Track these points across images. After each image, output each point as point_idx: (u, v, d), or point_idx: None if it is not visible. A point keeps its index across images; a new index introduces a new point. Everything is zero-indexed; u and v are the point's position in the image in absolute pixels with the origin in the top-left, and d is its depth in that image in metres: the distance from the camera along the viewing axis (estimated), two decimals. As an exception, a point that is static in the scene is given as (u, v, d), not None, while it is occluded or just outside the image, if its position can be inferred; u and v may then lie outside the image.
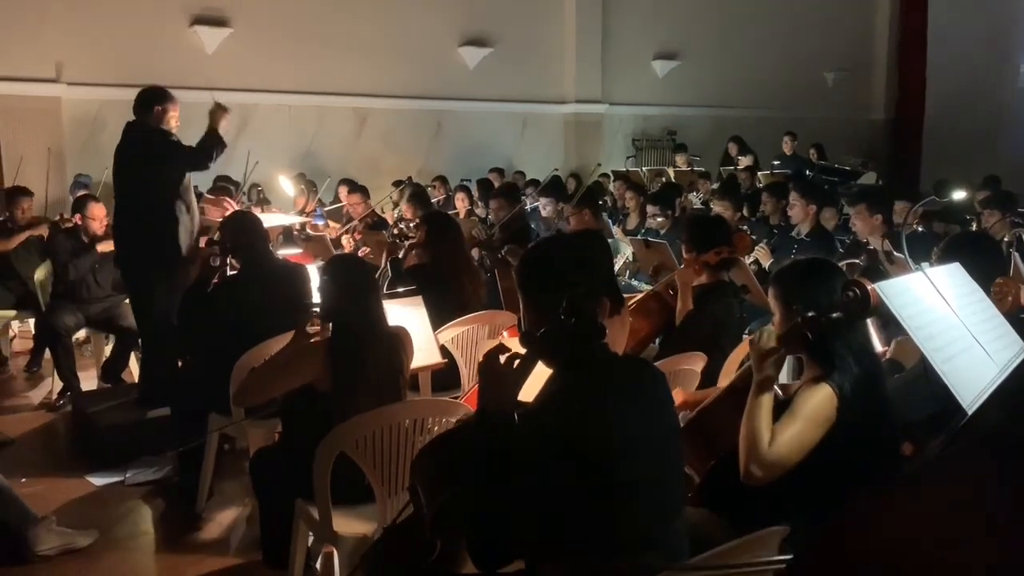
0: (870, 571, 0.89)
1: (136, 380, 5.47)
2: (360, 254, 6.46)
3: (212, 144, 4.80)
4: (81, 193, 7.81)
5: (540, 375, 1.93)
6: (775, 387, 2.38)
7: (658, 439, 1.90)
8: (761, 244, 5.79)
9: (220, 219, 4.99)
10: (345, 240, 7.21)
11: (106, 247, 5.61)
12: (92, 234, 5.77)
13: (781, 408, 2.36)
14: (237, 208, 5.63)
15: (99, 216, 5.79)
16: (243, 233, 4.24)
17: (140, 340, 5.33)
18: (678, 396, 3.11)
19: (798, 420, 2.28)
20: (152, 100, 4.75)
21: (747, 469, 2.26)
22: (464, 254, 4.88)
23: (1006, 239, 5.42)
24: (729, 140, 12.12)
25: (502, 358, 1.89)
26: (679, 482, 2.02)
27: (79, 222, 5.85)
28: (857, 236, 5.32)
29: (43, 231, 6.45)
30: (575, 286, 1.88)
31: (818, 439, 2.28)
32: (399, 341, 3.26)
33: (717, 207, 6.83)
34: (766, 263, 5.59)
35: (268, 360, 3.50)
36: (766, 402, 2.31)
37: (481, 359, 1.93)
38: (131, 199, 4.82)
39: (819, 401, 2.29)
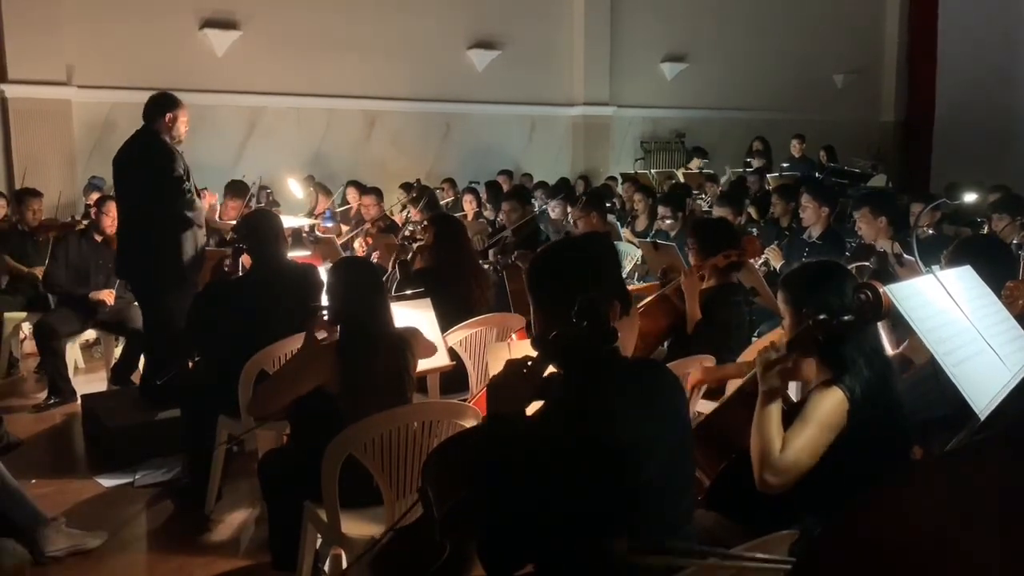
0: (885, 559, 0.88)
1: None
2: (373, 258, 6.46)
3: (193, 216, 4.76)
4: (96, 194, 7.84)
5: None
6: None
7: (670, 442, 1.90)
8: (773, 245, 5.77)
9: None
10: (357, 244, 7.21)
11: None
12: (103, 230, 5.80)
13: (792, 412, 2.35)
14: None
15: (115, 215, 5.82)
16: (258, 233, 4.18)
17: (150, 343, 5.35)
18: (695, 374, 3.10)
19: (810, 425, 2.27)
20: (163, 107, 4.77)
21: (761, 477, 2.24)
22: (470, 256, 4.86)
23: (1015, 242, 5.38)
24: (755, 139, 12.07)
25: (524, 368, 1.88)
26: (691, 486, 2.01)
27: (95, 217, 5.92)
28: (862, 239, 5.29)
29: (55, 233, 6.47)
30: (587, 289, 1.87)
31: (830, 443, 2.27)
32: (406, 342, 3.27)
33: (718, 212, 6.86)
34: (777, 264, 5.57)
35: (279, 368, 3.49)
36: (774, 412, 2.29)
37: (504, 366, 1.91)
38: (133, 208, 4.84)
39: (830, 405, 2.28)
